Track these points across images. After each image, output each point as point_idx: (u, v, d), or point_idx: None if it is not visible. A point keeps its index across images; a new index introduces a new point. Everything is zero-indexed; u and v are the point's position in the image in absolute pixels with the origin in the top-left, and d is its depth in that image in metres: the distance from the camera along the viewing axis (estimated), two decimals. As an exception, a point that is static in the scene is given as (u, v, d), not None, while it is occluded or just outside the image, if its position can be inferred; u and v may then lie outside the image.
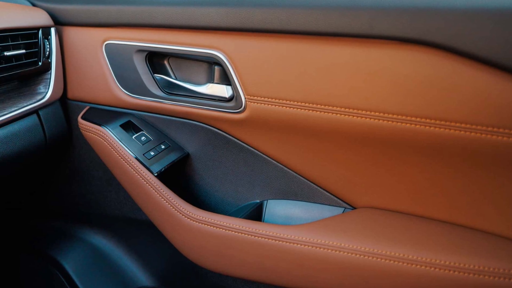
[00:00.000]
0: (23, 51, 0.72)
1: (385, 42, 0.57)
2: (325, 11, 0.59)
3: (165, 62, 0.78)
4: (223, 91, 0.72)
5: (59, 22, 0.82)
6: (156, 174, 0.76)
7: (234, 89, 0.69)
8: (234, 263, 0.70)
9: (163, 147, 0.80)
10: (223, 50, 0.68)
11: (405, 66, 0.56)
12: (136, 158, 0.76)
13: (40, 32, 0.76)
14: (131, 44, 0.76)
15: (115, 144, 0.77)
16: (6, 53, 0.69)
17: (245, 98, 0.68)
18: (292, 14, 0.61)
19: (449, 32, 0.52)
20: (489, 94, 0.52)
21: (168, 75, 0.78)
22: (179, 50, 0.72)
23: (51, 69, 0.79)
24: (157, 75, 0.78)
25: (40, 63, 0.76)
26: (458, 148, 0.57)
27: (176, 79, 0.78)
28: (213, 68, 0.72)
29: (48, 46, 0.78)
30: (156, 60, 0.79)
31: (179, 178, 0.85)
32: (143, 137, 0.80)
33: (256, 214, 0.77)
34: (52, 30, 0.79)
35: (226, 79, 0.72)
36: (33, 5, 0.82)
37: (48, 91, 0.79)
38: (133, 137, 0.79)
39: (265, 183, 0.77)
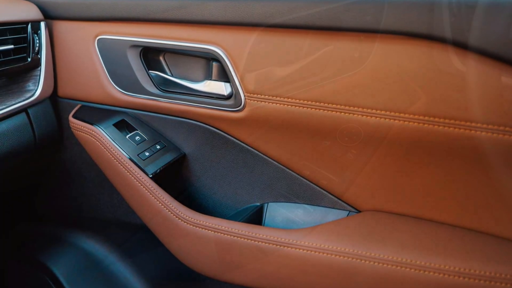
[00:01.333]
0: (11, 46, 0.72)
1: (392, 37, 0.56)
2: (328, 4, 0.58)
3: (161, 58, 0.77)
4: (222, 88, 0.71)
5: (49, 16, 0.81)
6: (151, 176, 0.75)
7: (233, 86, 0.68)
8: (233, 269, 0.70)
9: (158, 147, 0.79)
10: (222, 45, 0.67)
11: (413, 62, 0.55)
12: (130, 159, 0.75)
13: (29, 26, 0.75)
14: (125, 39, 0.75)
15: (108, 144, 0.76)
16: (-7, 48, 0.68)
17: (244, 95, 0.67)
18: (294, 8, 0.60)
19: (459, 27, 0.51)
20: (501, 91, 0.51)
21: (163, 71, 0.78)
22: (176, 45, 0.71)
23: (40, 65, 0.79)
24: (152, 72, 0.77)
25: (29, 59, 0.76)
26: (469, 148, 0.56)
27: (172, 76, 0.77)
28: (211, 64, 0.72)
29: (37, 41, 0.77)
30: (151, 56, 0.78)
31: (175, 179, 0.85)
32: (137, 137, 0.79)
33: (256, 217, 0.76)
34: (42, 24, 0.78)
35: (224, 76, 0.71)
36: (22, -2, 0.80)
37: (37, 88, 0.79)
38: (127, 136, 0.78)
39: (265, 185, 0.76)
